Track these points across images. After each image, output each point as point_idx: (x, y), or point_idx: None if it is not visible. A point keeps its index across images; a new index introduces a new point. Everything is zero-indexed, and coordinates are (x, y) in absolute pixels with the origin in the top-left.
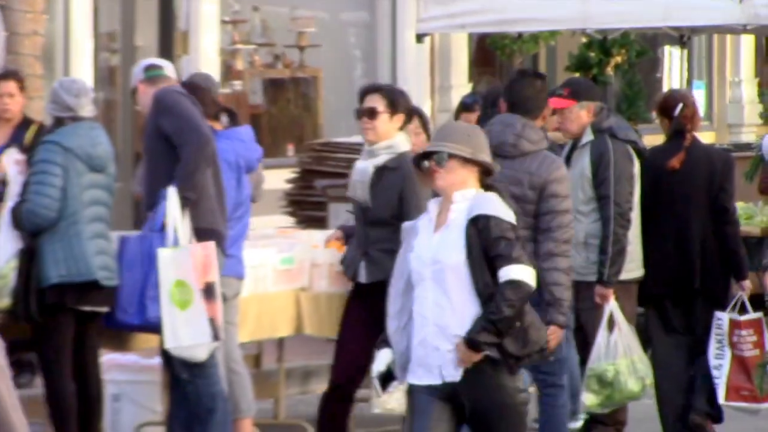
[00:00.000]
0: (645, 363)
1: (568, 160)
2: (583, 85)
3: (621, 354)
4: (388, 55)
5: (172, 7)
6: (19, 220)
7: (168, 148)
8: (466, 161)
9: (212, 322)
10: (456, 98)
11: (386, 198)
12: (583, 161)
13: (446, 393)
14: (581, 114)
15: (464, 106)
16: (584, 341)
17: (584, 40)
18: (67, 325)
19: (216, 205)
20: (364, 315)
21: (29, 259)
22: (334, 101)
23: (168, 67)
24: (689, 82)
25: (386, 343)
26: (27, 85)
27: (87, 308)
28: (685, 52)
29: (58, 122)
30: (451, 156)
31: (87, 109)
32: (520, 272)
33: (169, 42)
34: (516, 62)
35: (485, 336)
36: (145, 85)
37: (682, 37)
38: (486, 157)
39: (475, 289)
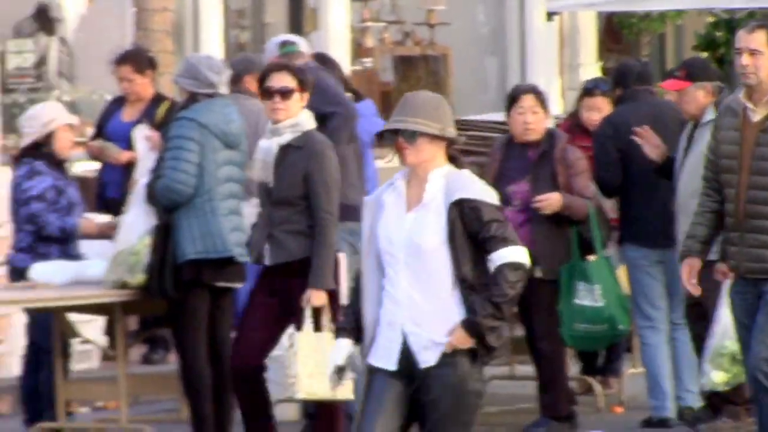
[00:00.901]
0: None
1: (690, 140)
2: (698, 66)
3: None
4: (516, 33)
5: None
6: (154, 195)
7: None
8: (435, 137)
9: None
10: (584, 76)
11: (291, 177)
12: (705, 140)
13: (406, 378)
14: (698, 94)
15: (586, 91)
16: (700, 317)
17: (711, 19)
18: (203, 301)
19: (357, 181)
20: (270, 299)
21: (165, 235)
22: (464, 79)
23: (302, 43)
24: None
25: (345, 332)
26: (158, 62)
27: (222, 284)
28: None
29: (192, 98)
30: (421, 133)
31: (224, 87)
32: (518, 254)
33: (298, 19)
34: (643, 41)
35: (490, 321)
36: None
37: None
38: (453, 130)
39: (454, 275)
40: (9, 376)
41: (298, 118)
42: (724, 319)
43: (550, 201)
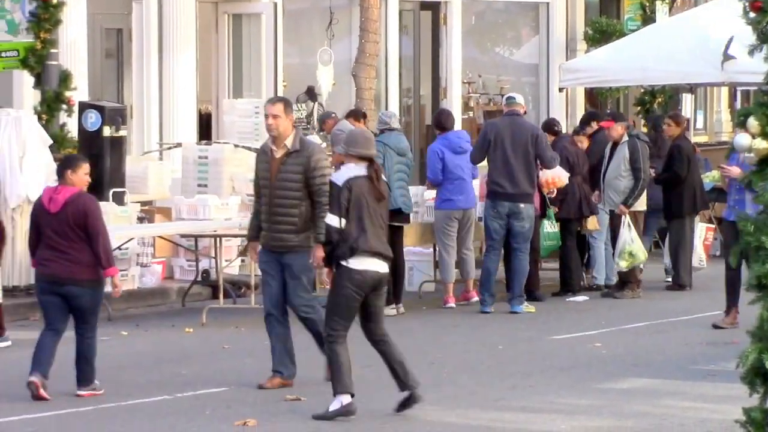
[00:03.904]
0: (642, 246)
1: (612, 152)
2: (618, 114)
3: (636, 239)
4: (545, 98)
5: None
6: None
7: None
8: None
9: None
10: (577, 120)
11: None
12: (621, 153)
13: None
14: (618, 128)
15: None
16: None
17: (642, 90)
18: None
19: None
20: None
21: None
22: None
23: (518, 98)
24: None
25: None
26: (367, 114)
27: (396, 224)
28: None
29: (381, 131)
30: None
31: (396, 125)
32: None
33: (437, 93)
34: (608, 102)
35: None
36: (506, 107)
37: None
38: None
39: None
40: None
41: None
42: (624, 235)
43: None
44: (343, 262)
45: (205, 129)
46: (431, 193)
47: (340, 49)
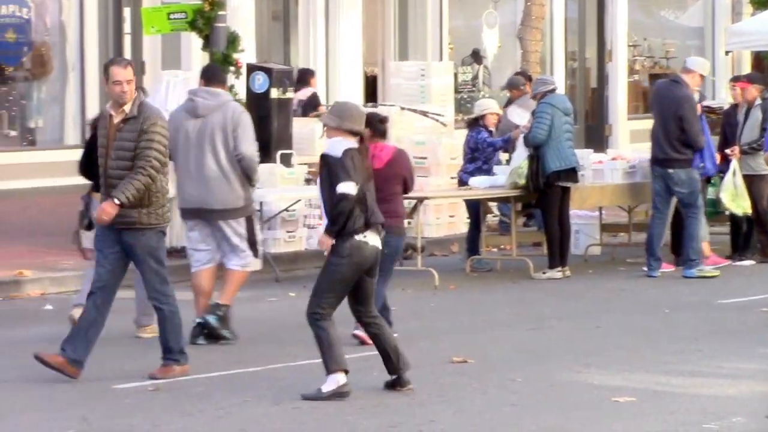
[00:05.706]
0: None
1: (747, 114)
2: (754, 76)
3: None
4: (710, 61)
5: None
6: (528, 139)
7: None
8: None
9: None
10: None
11: None
12: (755, 116)
13: None
14: (753, 90)
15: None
16: None
17: None
18: (558, 193)
19: None
20: None
21: (535, 160)
22: None
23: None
24: None
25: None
26: (533, 79)
27: (567, 184)
28: None
29: (544, 95)
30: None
31: (558, 87)
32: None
33: (602, 57)
34: None
35: None
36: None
37: None
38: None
39: None
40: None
41: None
42: (728, 178)
43: None
44: (358, 236)
45: (371, 91)
46: (597, 156)
47: (506, 11)
